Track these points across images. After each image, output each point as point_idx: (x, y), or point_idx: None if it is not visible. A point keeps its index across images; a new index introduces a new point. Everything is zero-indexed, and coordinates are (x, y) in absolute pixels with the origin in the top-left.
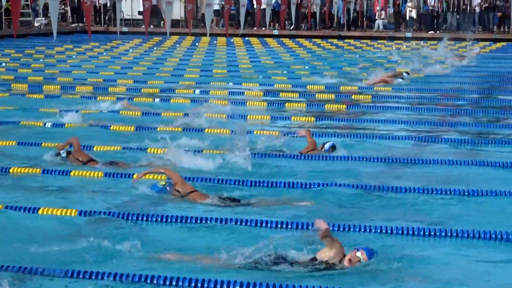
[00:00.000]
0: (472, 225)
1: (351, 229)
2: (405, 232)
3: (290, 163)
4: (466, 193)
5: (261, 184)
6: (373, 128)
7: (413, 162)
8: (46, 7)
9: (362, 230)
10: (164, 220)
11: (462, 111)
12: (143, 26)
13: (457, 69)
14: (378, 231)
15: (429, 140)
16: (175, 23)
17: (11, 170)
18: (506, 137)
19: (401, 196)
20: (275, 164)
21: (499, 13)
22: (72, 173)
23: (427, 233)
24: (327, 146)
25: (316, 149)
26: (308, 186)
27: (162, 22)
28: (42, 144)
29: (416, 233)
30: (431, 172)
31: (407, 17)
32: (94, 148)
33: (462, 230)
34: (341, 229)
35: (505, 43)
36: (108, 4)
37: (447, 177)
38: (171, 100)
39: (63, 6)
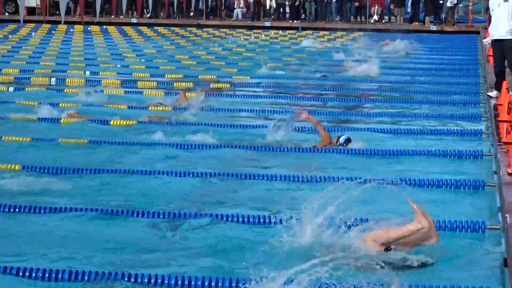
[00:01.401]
0: None
1: None
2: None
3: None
4: None
5: None
6: (232, 116)
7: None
8: None
9: None
10: None
11: (320, 99)
12: None
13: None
14: None
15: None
16: (31, 10)
17: None
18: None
19: None
20: None
21: (356, 3)
22: None
23: None
24: (342, 139)
25: (331, 143)
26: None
27: (16, 9)
28: None
29: None
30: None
31: (267, 7)
32: None
33: None
34: None
35: (361, 33)
36: None
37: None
38: (26, 89)
39: None
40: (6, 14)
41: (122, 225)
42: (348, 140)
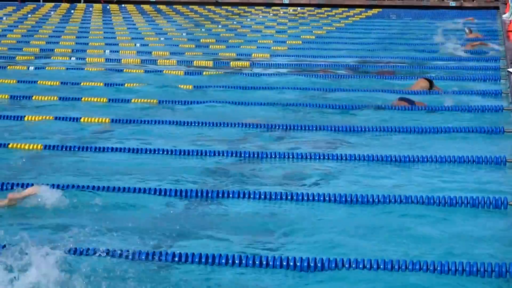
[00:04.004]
0: None
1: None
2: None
3: None
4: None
5: None
6: (251, 95)
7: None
8: None
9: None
10: None
11: (342, 77)
12: None
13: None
14: None
15: (313, 105)
16: None
17: None
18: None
19: None
20: None
21: None
22: None
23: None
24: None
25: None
26: None
27: None
28: None
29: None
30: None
31: None
32: None
33: None
34: None
35: (380, 9)
36: None
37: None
38: (47, 68)
39: None
40: None
41: (142, 203)
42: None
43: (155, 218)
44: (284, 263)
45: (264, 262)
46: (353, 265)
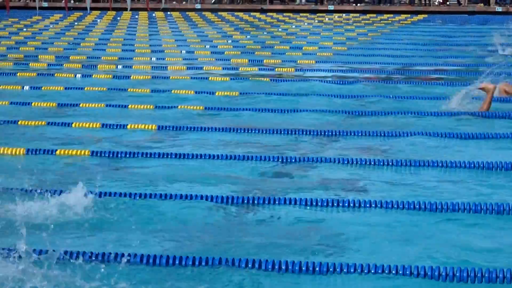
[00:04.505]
0: None
1: None
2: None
3: None
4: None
5: None
6: (296, 101)
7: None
8: None
9: None
10: None
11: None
12: (63, 1)
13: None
14: None
15: (360, 113)
16: None
17: None
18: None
19: None
20: None
21: None
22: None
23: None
24: None
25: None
26: None
27: None
28: None
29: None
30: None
31: None
32: (18, 123)
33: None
34: None
35: (426, 15)
36: None
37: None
38: (94, 76)
39: None
40: (65, 1)
41: (189, 210)
42: None
43: (202, 224)
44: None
45: (310, 268)
46: (400, 271)
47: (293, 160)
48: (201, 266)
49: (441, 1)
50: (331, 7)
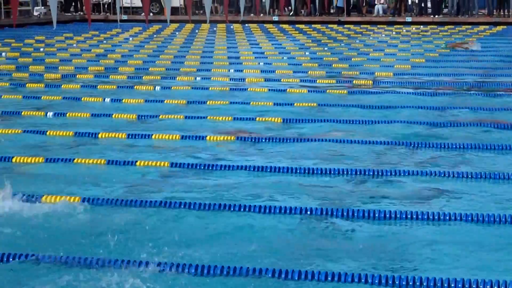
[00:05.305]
0: None
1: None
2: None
3: None
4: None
5: None
6: (374, 113)
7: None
8: None
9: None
10: None
11: (466, 95)
12: (143, 14)
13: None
14: None
15: (439, 125)
16: (174, 10)
17: (14, 159)
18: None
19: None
20: None
21: None
22: (75, 161)
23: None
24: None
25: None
26: None
27: (160, 9)
28: (47, 133)
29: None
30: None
31: (409, 2)
32: (99, 136)
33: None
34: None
35: (505, 26)
36: None
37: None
38: (173, 87)
39: None
40: (145, 14)
41: (268, 222)
42: None
43: (280, 236)
44: (416, 283)
45: (390, 282)
46: (481, 285)
47: (371, 172)
48: (280, 279)
49: None
50: (408, 19)
